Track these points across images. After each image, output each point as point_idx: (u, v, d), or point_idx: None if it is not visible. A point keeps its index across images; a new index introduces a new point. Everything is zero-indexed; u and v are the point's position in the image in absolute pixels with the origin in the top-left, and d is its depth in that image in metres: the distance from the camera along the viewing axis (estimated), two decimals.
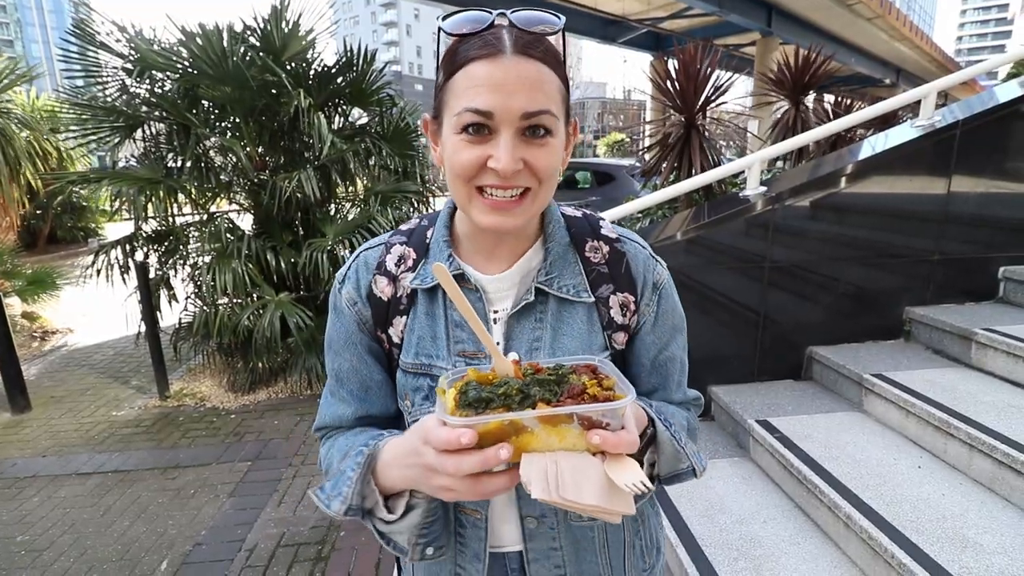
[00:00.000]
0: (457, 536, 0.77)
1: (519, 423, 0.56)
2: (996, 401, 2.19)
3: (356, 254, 0.80)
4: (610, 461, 0.56)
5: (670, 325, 0.80)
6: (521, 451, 0.57)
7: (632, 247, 0.79)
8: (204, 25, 3.65)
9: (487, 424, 0.55)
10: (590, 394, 0.56)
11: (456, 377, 0.64)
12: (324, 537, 2.49)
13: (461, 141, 0.62)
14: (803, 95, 5.28)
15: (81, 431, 3.59)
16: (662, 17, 18.55)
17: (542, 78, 0.61)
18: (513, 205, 0.64)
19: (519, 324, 0.73)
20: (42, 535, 2.56)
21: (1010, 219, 2.87)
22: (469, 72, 0.60)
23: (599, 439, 0.54)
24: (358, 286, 0.78)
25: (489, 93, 0.59)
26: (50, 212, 9.83)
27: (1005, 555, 1.63)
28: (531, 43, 0.61)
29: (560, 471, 0.55)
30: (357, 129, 4.27)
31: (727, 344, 2.80)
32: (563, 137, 0.67)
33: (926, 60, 25.68)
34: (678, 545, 1.92)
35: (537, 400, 0.56)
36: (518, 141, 0.61)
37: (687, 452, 0.71)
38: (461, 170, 0.63)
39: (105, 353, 5.17)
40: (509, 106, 0.59)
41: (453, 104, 0.62)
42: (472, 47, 0.61)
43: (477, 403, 0.56)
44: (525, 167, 0.62)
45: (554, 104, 0.62)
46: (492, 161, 0.61)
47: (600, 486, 0.55)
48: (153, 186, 3.73)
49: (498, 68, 0.59)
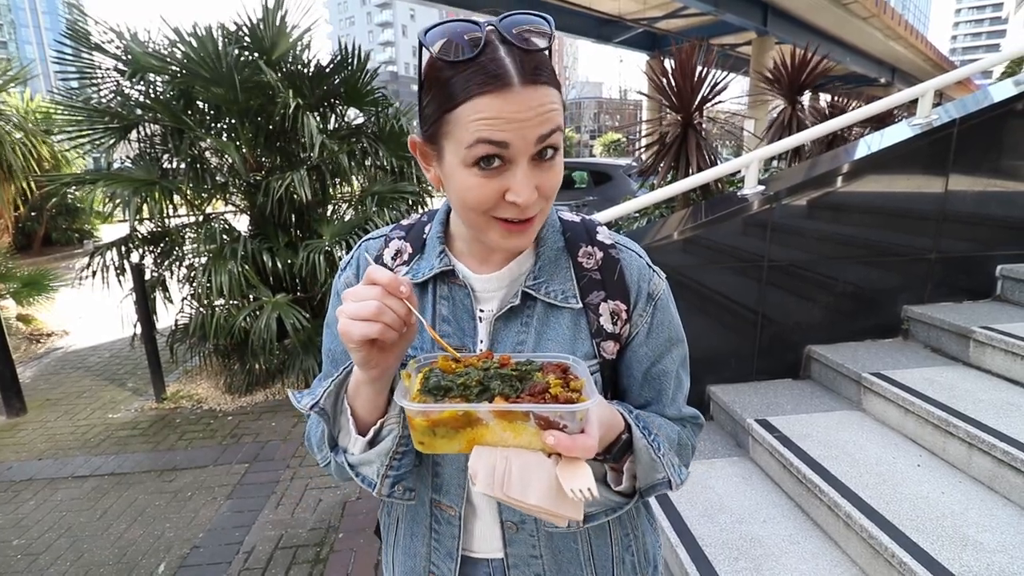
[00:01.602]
0: (432, 532, 0.78)
1: (474, 415, 0.55)
2: (995, 399, 2.19)
3: (359, 244, 0.82)
4: (564, 464, 0.55)
5: (665, 338, 0.78)
6: (473, 443, 0.57)
7: (628, 255, 0.77)
8: (198, 26, 3.63)
9: (441, 412, 0.55)
10: (551, 394, 0.56)
11: (425, 363, 0.64)
12: (322, 539, 2.47)
13: (474, 176, 0.60)
14: (799, 94, 5.29)
15: (77, 434, 3.57)
16: (658, 17, 18.58)
17: (551, 100, 0.60)
18: (527, 226, 0.65)
19: (505, 327, 0.73)
20: (38, 539, 2.54)
21: (1007, 217, 2.87)
22: (478, 107, 0.57)
23: (553, 440, 0.53)
24: (358, 273, 0.80)
25: (504, 125, 0.57)
26: (45, 214, 9.78)
27: (1006, 553, 1.63)
28: (537, 68, 0.58)
29: (509, 468, 0.54)
30: (353, 129, 4.26)
31: (726, 343, 2.80)
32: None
33: (921, 59, 25.78)
34: (678, 545, 1.91)
35: (496, 394, 0.56)
36: (532, 169, 0.60)
37: (663, 462, 0.69)
38: (477, 204, 0.62)
39: (101, 355, 5.15)
40: (525, 136, 0.58)
41: (461, 136, 0.59)
42: (474, 79, 0.57)
43: (436, 390, 0.57)
44: (538, 193, 0.62)
45: (560, 118, 0.62)
46: (511, 195, 0.60)
47: (547, 488, 0.54)
48: (148, 188, 3.71)
49: (509, 102, 0.57)
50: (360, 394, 0.65)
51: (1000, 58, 3.77)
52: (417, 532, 0.80)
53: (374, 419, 0.67)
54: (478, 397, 0.56)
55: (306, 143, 3.65)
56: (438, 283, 0.75)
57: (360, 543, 2.43)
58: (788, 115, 5.24)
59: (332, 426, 0.69)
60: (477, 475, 0.55)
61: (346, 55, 3.94)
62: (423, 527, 0.79)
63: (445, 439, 0.58)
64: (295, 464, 3.10)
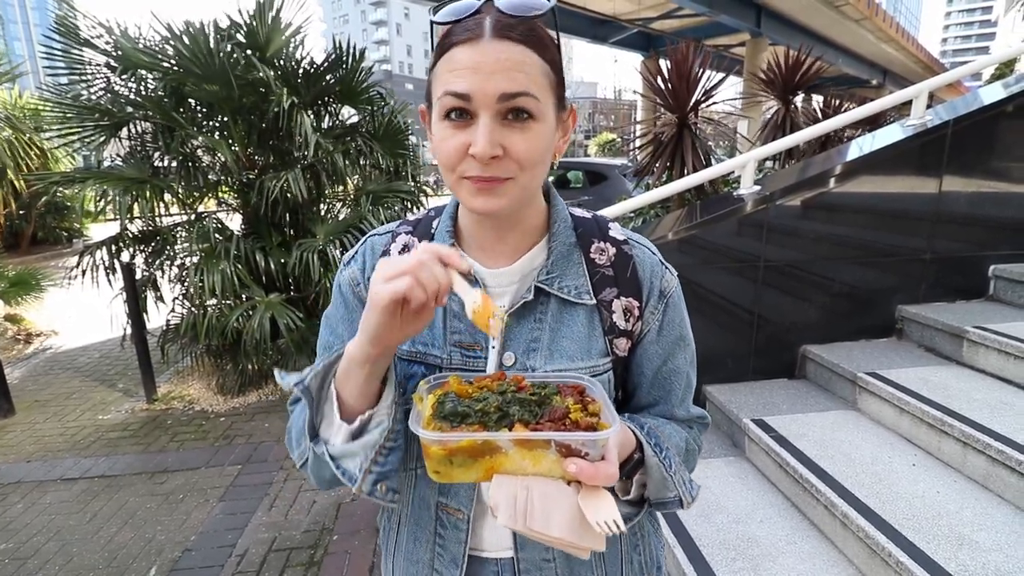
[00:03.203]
0: (437, 537, 0.75)
1: (493, 443, 0.53)
2: (988, 398, 2.20)
3: (364, 239, 0.80)
4: (585, 492, 0.54)
5: (676, 336, 0.77)
6: (493, 471, 0.55)
7: (641, 251, 0.76)
8: (190, 22, 3.59)
9: (460, 441, 0.53)
10: (572, 419, 0.54)
11: (436, 384, 0.62)
12: (316, 541, 2.45)
13: (445, 128, 0.61)
14: (793, 95, 5.32)
15: (66, 435, 3.52)
16: (652, 17, 18.62)
17: (523, 60, 0.59)
18: (493, 185, 0.62)
19: (517, 323, 0.71)
20: (27, 543, 2.50)
21: (1000, 218, 2.89)
22: (450, 57, 0.60)
23: (575, 468, 0.52)
24: (364, 268, 0.77)
25: (467, 75, 0.58)
26: (33, 212, 9.66)
27: (1001, 552, 1.63)
28: (512, 25, 0.60)
29: (530, 498, 0.53)
30: (348, 128, 4.23)
31: (722, 343, 2.80)
32: (551, 123, 0.64)
33: (912, 61, 26.02)
34: (676, 546, 1.91)
35: (516, 420, 0.54)
36: (497, 125, 0.59)
37: (675, 480, 0.68)
38: (445, 158, 0.62)
39: (91, 356, 5.08)
40: (486, 88, 0.58)
41: (436, 89, 0.62)
42: (454, 33, 0.61)
43: (453, 416, 0.55)
44: (505, 154, 0.60)
45: (536, 86, 0.60)
46: (472, 148, 0.59)
47: (570, 519, 0.53)
48: (139, 186, 3.67)
49: (476, 51, 0.58)
50: (351, 378, 0.62)
51: (990, 61, 3.81)
52: (421, 537, 0.76)
53: (362, 408, 0.63)
54: (497, 424, 0.54)
55: (300, 142, 3.62)
56: None
57: (355, 545, 2.41)
58: (782, 116, 5.26)
59: (315, 412, 0.65)
60: (499, 507, 0.53)
61: (341, 53, 3.91)
62: (427, 532, 0.75)
63: (462, 468, 0.56)
64: (288, 465, 3.08)
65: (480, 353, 0.71)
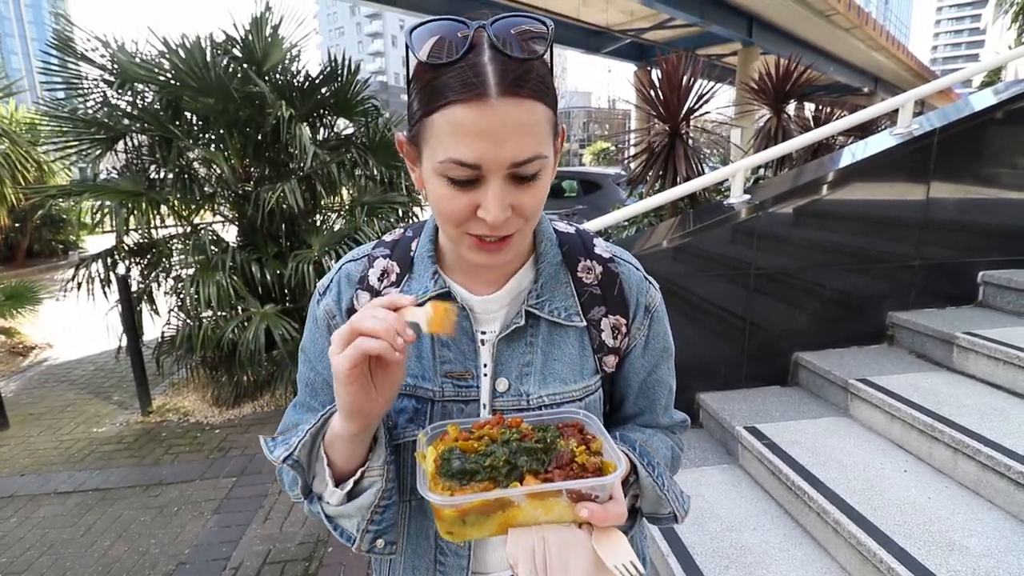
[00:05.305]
0: (437, 564, 0.73)
1: (506, 498, 0.53)
2: (979, 404, 2.22)
3: (338, 266, 0.77)
4: (599, 535, 0.55)
5: (660, 348, 0.78)
6: (507, 525, 0.55)
7: (626, 268, 0.77)
8: (187, 36, 3.63)
9: (472, 503, 0.52)
10: (579, 463, 0.55)
11: (435, 434, 0.61)
12: (311, 553, 2.44)
13: (446, 187, 0.57)
14: (784, 104, 5.36)
15: (61, 449, 3.51)
16: (645, 28, 18.83)
17: (533, 119, 0.55)
18: (503, 245, 0.61)
19: (509, 348, 0.70)
20: (20, 556, 2.49)
21: (988, 224, 2.93)
22: (450, 117, 0.53)
23: (587, 513, 0.53)
24: (339, 300, 0.74)
25: (475, 142, 0.53)
26: (29, 225, 9.65)
27: (991, 558, 1.64)
28: (520, 77, 0.53)
29: (548, 549, 0.53)
30: (343, 140, 4.26)
31: (714, 351, 2.81)
32: (552, 166, 0.61)
33: (903, 69, 26.30)
34: (669, 554, 1.91)
35: (525, 471, 0.54)
36: (507, 187, 0.56)
37: (668, 498, 0.69)
38: (450, 216, 0.59)
39: (85, 369, 5.07)
40: (498, 156, 0.54)
41: (434, 146, 0.56)
42: (451, 84, 0.53)
43: (462, 475, 0.54)
44: (513, 212, 0.58)
45: (544, 144, 0.57)
46: (481, 211, 0.57)
47: (587, 564, 0.54)
48: (135, 198, 3.68)
49: (483, 115, 0.52)
50: (337, 447, 0.61)
51: (981, 68, 3.86)
52: (420, 566, 0.74)
53: (352, 468, 0.63)
54: (507, 477, 0.54)
55: (296, 153, 3.65)
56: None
57: (350, 557, 2.40)
58: (774, 124, 5.30)
59: (306, 475, 0.64)
60: (518, 563, 0.53)
61: (336, 66, 3.95)
62: (427, 560, 0.74)
63: (475, 526, 0.55)
64: None
65: (472, 382, 0.70)
